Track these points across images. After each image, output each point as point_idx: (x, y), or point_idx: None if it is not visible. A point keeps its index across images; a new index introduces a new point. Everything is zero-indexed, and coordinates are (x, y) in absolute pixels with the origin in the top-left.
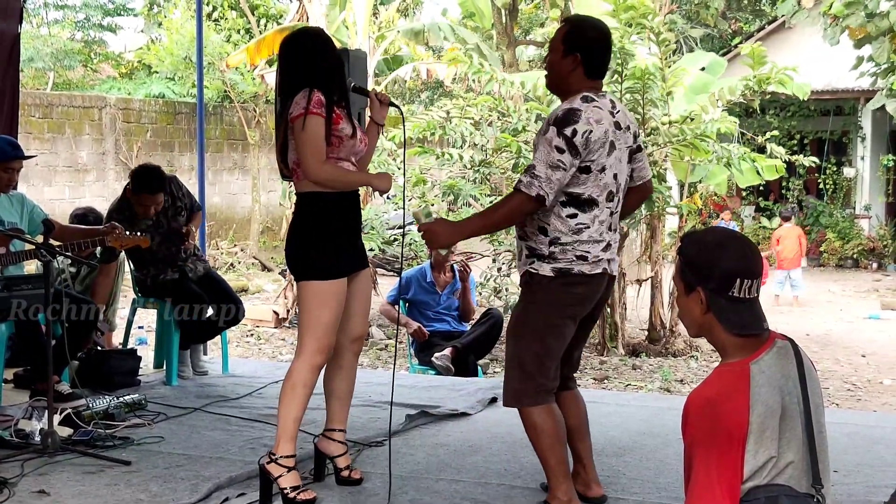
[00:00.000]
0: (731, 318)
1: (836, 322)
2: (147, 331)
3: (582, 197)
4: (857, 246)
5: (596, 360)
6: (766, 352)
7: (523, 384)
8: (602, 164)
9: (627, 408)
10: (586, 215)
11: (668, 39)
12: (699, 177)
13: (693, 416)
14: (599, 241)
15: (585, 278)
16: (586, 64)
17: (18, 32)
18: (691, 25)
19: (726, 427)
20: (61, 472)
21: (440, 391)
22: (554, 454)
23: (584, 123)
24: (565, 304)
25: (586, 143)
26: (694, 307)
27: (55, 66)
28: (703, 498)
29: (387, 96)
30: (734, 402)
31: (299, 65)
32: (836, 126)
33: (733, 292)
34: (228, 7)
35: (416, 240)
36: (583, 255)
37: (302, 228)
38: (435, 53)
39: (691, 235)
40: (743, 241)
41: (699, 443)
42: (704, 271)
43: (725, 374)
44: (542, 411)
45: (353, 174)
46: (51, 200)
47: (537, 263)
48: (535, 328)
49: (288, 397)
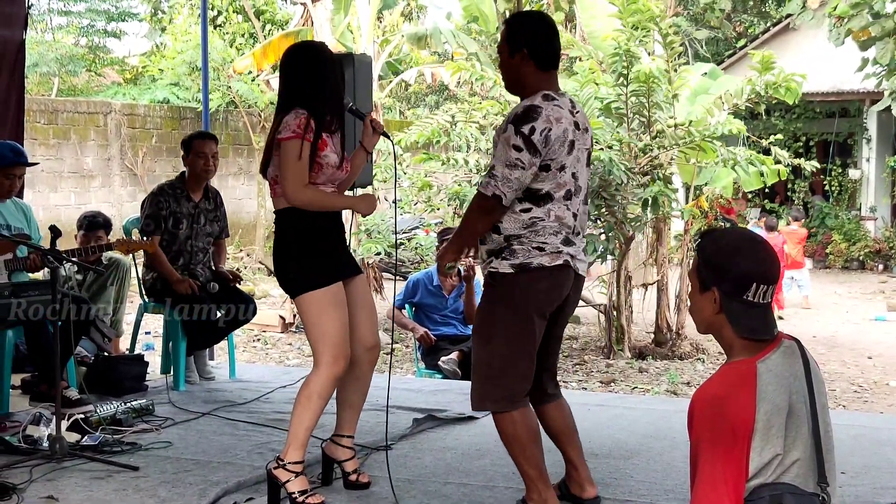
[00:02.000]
0: (743, 322)
1: (842, 324)
2: (154, 336)
3: (539, 193)
4: (863, 248)
5: (602, 363)
6: (773, 351)
7: (490, 388)
8: (561, 163)
9: (634, 411)
10: (540, 209)
11: (674, 42)
12: (705, 179)
13: (699, 413)
14: (557, 232)
15: (546, 272)
16: (535, 57)
17: (23, 39)
18: (696, 28)
19: (732, 424)
20: (69, 478)
21: (447, 395)
22: (527, 460)
23: (544, 121)
24: (529, 300)
25: (545, 141)
26: (707, 306)
27: (60, 71)
28: (708, 494)
29: (380, 125)
30: (740, 400)
31: (296, 81)
32: (842, 128)
33: (748, 296)
34: (233, 11)
35: (422, 244)
36: (539, 247)
37: (283, 245)
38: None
39: (711, 234)
40: (763, 245)
41: (705, 440)
42: (721, 272)
43: (732, 372)
44: (512, 418)
45: (335, 198)
46: (56, 206)
47: (496, 262)
48: (502, 329)
49: (302, 406)
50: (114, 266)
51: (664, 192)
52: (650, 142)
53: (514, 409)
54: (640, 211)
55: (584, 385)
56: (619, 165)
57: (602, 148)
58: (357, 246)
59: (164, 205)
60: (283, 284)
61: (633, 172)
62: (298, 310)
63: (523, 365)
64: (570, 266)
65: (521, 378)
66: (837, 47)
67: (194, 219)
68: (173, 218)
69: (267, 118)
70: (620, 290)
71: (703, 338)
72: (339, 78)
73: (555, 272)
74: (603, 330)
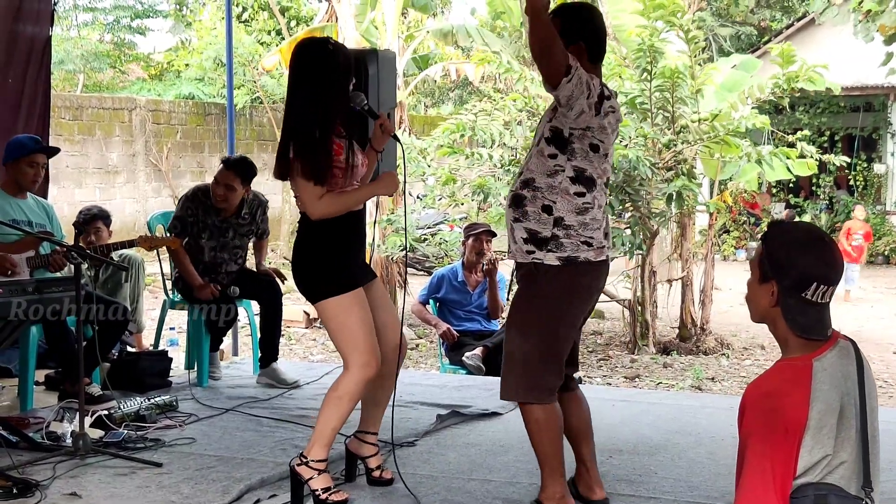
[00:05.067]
0: (798, 319)
1: (867, 319)
2: (178, 332)
3: (586, 174)
4: (889, 242)
5: (627, 358)
6: (829, 350)
7: (528, 381)
8: (607, 150)
9: (659, 406)
10: (590, 195)
11: (697, 37)
12: (730, 174)
13: (751, 406)
14: (600, 226)
15: (591, 266)
16: (591, 50)
17: (49, 36)
18: (720, 23)
19: (784, 420)
20: (93, 475)
21: (471, 391)
22: (553, 450)
23: (610, 103)
24: (573, 295)
25: (605, 115)
26: (764, 297)
27: (85, 68)
28: (755, 488)
29: (391, 127)
30: (794, 397)
31: (303, 81)
32: (867, 122)
33: (806, 294)
34: (259, 8)
35: (446, 239)
36: (587, 241)
37: (304, 250)
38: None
39: (780, 226)
40: (829, 245)
41: (756, 433)
42: (783, 267)
43: (787, 369)
44: (541, 410)
45: (353, 194)
46: (81, 202)
47: (540, 253)
48: (544, 324)
49: (331, 407)
50: (128, 262)
51: (688, 186)
52: (674, 137)
53: (548, 403)
54: (665, 206)
55: (609, 380)
56: (643, 161)
57: (627, 144)
58: (382, 240)
59: (192, 211)
60: (302, 289)
61: (657, 167)
62: (321, 316)
63: (559, 359)
64: (608, 260)
65: (556, 372)
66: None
67: (221, 232)
68: (198, 227)
69: None
70: (645, 286)
71: (728, 333)
72: (348, 78)
73: (598, 267)
74: (627, 325)
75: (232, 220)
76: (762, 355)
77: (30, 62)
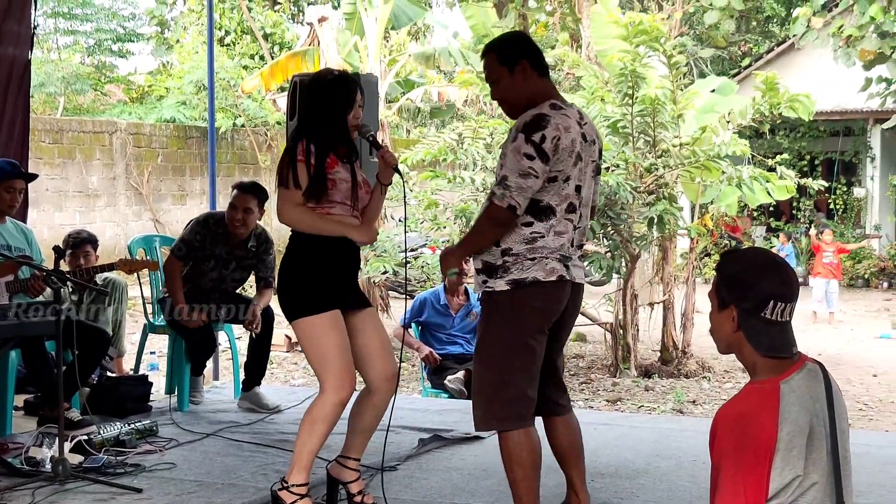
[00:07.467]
0: (761, 339)
1: (847, 342)
2: (159, 356)
3: (540, 204)
4: (868, 266)
5: (608, 381)
6: (796, 372)
7: (496, 410)
8: (567, 175)
9: (640, 430)
10: (542, 224)
11: (678, 62)
12: (710, 197)
13: (722, 431)
14: (552, 252)
15: (541, 286)
16: (535, 66)
17: (29, 59)
18: (701, 47)
19: (754, 443)
20: (72, 500)
21: (453, 415)
22: (525, 485)
23: (553, 129)
24: (526, 317)
25: (555, 149)
26: (725, 324)
27: (66, 90)
28: None
29: (394, 159)
30: (763, 419)
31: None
32: (846, 146)
33: (766, 314)
34: (241, 32)
35: (428, 262)
36: (537, 264)
37: (288, 267)
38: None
39: (732, 253)
40: (782, 265)
41: (727, 458)
42: (739, 290)
43: (755, 392)
44: (517, 437)
45: (328, 221)
46: (61, 226)
47: (492, 281)
48: (501, 347)
49: (306, 431)
50: (111, 287)
51: (669, 210)
52: (655, 161)
53: (520, 428)
54: (646, 229)
55: (591, 404)
56: (624, 186)
57: (609, 167)
58: (363, 265)
59: (201, 238)
60: (281, 305)
61: (638, 191)
62: (296, 335)
63: (525, 383)
64: (564, 279)
65: (523, 396)
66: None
67: (224, 264)
68: (203, 254)
69: (273, 137)
70: (626, 309)
71: (710, 356)
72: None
73: (549, 287)
74: (609, 348)
75: (238, 253)
76: (743, 378)
77: (9, 85)
